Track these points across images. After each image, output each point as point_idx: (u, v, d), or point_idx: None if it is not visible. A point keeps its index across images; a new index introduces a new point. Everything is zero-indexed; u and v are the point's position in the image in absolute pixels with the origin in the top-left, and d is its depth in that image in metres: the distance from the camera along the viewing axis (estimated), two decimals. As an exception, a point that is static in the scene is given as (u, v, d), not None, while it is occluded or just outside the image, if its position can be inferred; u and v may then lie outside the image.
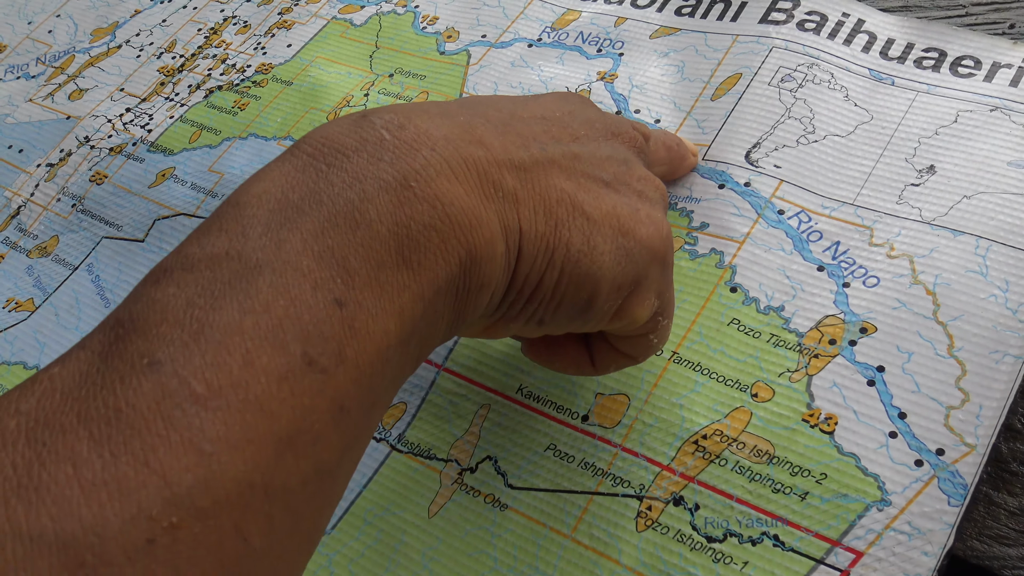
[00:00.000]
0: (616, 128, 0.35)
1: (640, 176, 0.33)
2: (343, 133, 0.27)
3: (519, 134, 0.31)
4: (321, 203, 0.25)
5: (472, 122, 0.30)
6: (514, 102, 0.33)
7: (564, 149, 0.31)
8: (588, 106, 0.35)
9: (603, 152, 0.33)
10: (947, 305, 0.38)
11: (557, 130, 0.32)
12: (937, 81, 0.45)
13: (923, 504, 0.34)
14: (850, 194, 0.43)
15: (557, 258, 0.30)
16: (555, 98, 0.34)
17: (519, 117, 0.32)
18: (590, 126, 0.34)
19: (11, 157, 0.64)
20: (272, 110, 0.58)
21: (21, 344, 0.53)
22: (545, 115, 0.33)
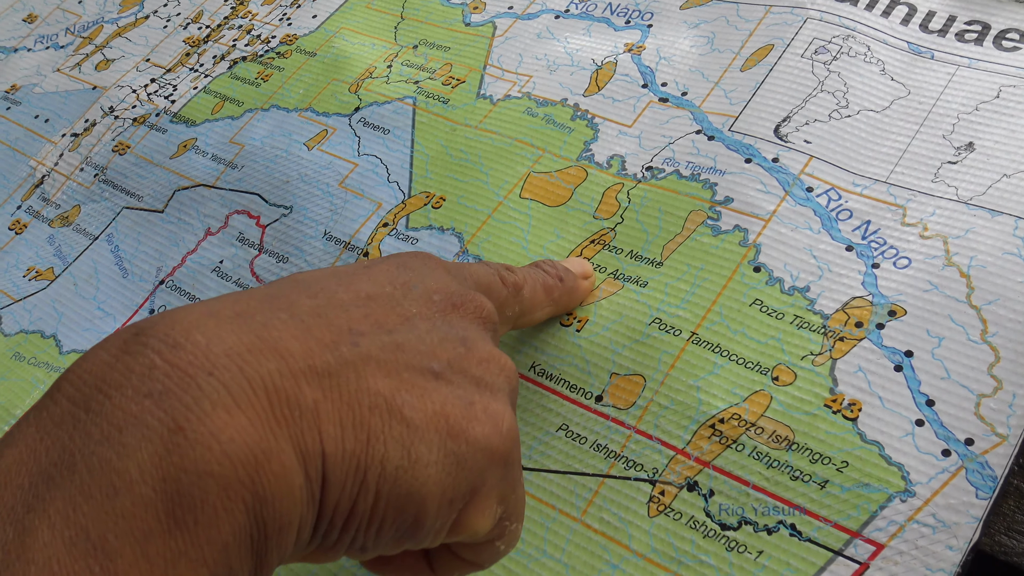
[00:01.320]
0: (460, 298, 0.30)
1: (481, 357, 0.29)
2: (108, 363, 0.23)
3: (330, 326, 0.26)
4: (74, 468, 0.21)
5: (270, 321, 0.25)
6: (338, 279, 0.29)
7: (385, 340, 0.27)
8: (431, 272, 0.31)
9: (436, 335, 0.28)
10: (982, 288, 0.36)
11: (382, 313, 0.28)
12: (979, 55, 0.43)
13: (949, 496, 0.32)
14: (883, 171, 0.41)
15: (371, 479, 0.25)
16: (392, 267, 0.30)
17: (337, 302, 0.28)
18: (427, 301, 0.29)
19: (37, 127, 0.64)
20: (295, 81, 0.57)
21: (39, 313, 0.53)
22: (372, 293, 0.28)
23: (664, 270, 0.41)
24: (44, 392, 0.24)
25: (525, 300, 0.37)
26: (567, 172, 0.46)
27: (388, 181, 0.49)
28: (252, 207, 0.52)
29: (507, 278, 0.36)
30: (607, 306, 0.41)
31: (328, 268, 0.31)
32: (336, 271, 0.30)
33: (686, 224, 0.42)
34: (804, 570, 0.33)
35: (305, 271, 0.30)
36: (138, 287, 0.52)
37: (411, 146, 0.50)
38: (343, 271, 0.30)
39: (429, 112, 0.52)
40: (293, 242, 0.49)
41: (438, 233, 0.46)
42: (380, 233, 0.47)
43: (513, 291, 0.36)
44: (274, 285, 0.28)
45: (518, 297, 0.36)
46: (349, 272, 0.30)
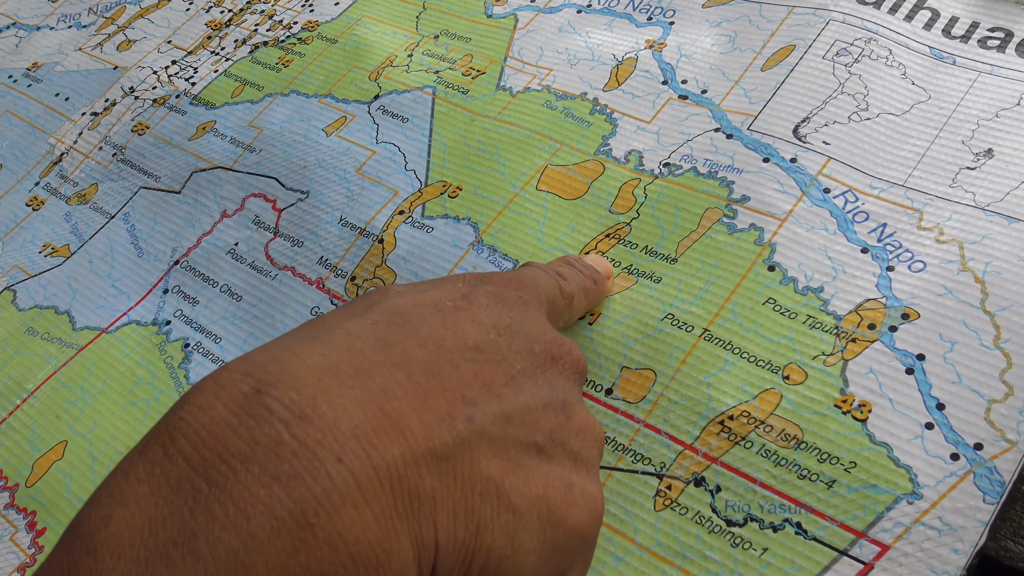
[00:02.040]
0: (558, 349, 0.30)
1: (579, 427, 0.29)
2: (229, 425, 0.22)
3: (445, 391, 0.25)
4: (198, 553, 0.21)
5: (389, 387, 0.24)
6: (443, 316, 0.28)
7: (495, 410, 0.26)
8: (527, 312, 0.30)
9: (540, 398, 0.28)
10: (996, 294, 0.36)
11: (490, 371, 0.27)
12: (1001, 62, 0.43)
13: (956, 500, 0.32)
14: (901, 175, 0.41)
15: (475, 567, 0.25)
16: (491, 302, 0.29)
17: (447, 354, 0.26)
18: (529, 353, 0.28)
19: (58, 105, 0.64)
20: (315, 68, 0.57)
21: (54, 289, 0.53)
22: (479, 343, 0.27)
23: (678, 266, 0.41)
24: (150, 435, 0.23)
25: (575, 309, 0.37)
26: (584, 166, 0.46)
27: (405, 169, 0.49)
28: (269, 191, 0.52)
29: (564, 289, 0.35)
30: (620, 300, 0.41)
31: (426, 292, 0.29)
32: (437, 301, 0.28)
33: (702, 221, 0.42)
34: (808, 568, 0.33)
35: (403, 292, 0.28)
36: (153, 266, 0.52)
37: (429, 135, 0.50)
38: (443, 300, 0.28)
39: (448, 102, 0.52)
40: (308, 227, 0.49)
41: (453, 222, 0.46)
42: (396, 220, 0.47)
43: (567, 302, 0.36)
44: (380, 316, 0.27)
45: (570, 307, 0.36)
46: (450, 304, 0.28)
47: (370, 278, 0.46)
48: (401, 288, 0.29)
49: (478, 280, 0.30)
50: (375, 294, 0.29)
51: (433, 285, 0.30)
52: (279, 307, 0.48)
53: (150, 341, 0.49)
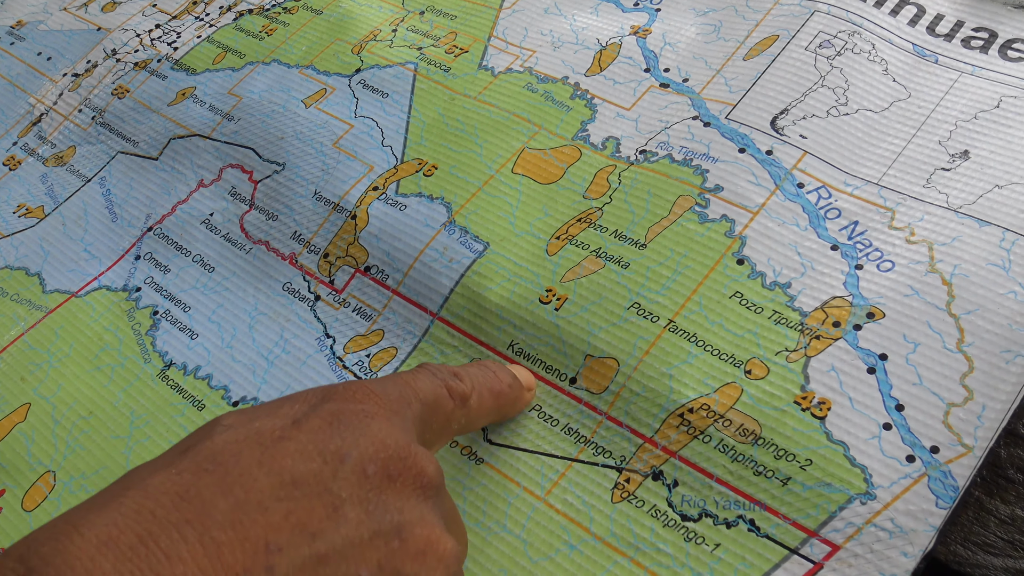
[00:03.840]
0: (398, 465, 0.27)
1: (418, 550, 0.26)
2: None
3: (244, 543, 0.23)
4: None
5: (175, 551, 0.23)
6: (263, 449, 0.26)
7: (305, 554, 0.24)
8: (368, 426, 0.27)
9: (367, 527, 0.25)
10: (962, 297, 0.36)
11: (306, 508, 0.25)
12: (984, 63, 0.43)
13: (909, 502, 0.32)
14: (876, 173, 0.40)
15: None
16: (324, 425, 0.27)
17: (256, 498, 0.24)
18: (360, 476, 0.26)
19: (39, 64, 0.63)
20: (299, 38, 0.57)
21: (26, 250, 0.53)
22: (297, 477, 0.25)
23: (647, 252, 0.41)
24: None
25: (472, 410, 0.34)
26: (561, 150, 0.46)
27: (382, 145, 0.49)
28: (246, 162, 0.51)
29: (455, 388, 0.33)
30: (587, 285, 0.40)
31: (255, 422, 0.27)
32: (261, 433, 0.26)
33: (673, 208, 0.41)
34: (759, 566, 0.33)
35: (229, 426, 0.27)
36: (126, 232, 0.52)
37: (408, 112, 0.50)
38: (269, 430, 0.26)
39: (429, 79, 0.51)
40: (284, 200, 0.49)
41: (427, 201, 0.46)
42: (369, 196, 0.47)
43: (460, 402, 0.33)
44: (189, 464, 0.25)
45: (465, 408, 0.33)
46: (276, 433, 0.26)
47: (343, 255, 0.46)
48: (230, 420, 0.27)
49: (320, 398, 0.28)
50: (200, 432, 0.27)
51: (268, 410, 0.28)
52: (252, 281, 0.47)
53: (119, 307, 0.49)
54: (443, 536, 0.27)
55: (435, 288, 0.43)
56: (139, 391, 0.45)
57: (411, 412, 0.30)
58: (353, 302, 0.44)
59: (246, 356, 0.45)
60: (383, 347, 0.43)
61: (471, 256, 0.43)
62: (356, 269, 0.45)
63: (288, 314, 0.45)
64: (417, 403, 0.31)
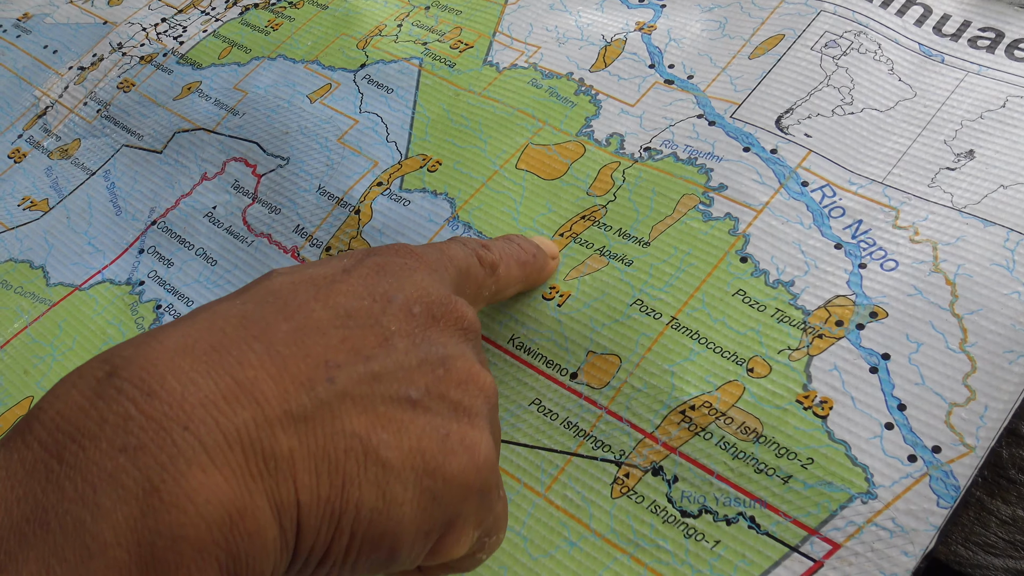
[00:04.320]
0: (441, 308, 0.30)
1: (460, 379, 0.29)
2: (82, 408, 0.23)
3: (307, 358, 0.26)
4: (48, 526, 0.21)
5: (245, 357, 0.25)
6: (316, 289, 0.28)
7: (361, 371, 0.26)
8: (411, 276, 0.30)
9: (415, 355, 0.28)
10: (966, 297, 0.36)
11: (360, 335, 0.27)
12: (990, 63, 0.43)
13: (910, 501, 0.32)
14: (880, 172, 0.40)
15: (345, 523, 0.25)
16: (371, 272, 0.29)
17: (314, 323, 0.27)
18: (406, 314, 0.29)
19: (45, 57, 0.63)
20: (304, 33, 0.57)
21: (30, 243, 0.53)
22: (351, 309, 0.28)
23: (651, 251, 0.40)
24: (12, 427, 0.24)
25: (501, 278, 0.36)
26: (565, 147, 0.46)
27: (387, 140, 0.49)
28: (250, 155, 0.51)
29: (484, 257, 0.35)
30: (590, 282, 0.40)
31: (308, 270, 0.29)
32: (314, 277, 0.29)
33: (677, 207, 0.41)
34: (759, 563, 0.33)
35: (284, 272, 0.29)
36: (130, 225, 0.52)
37: (413, 107, 0.50)
38: (322, 275, 0.29)
39: (434, 75, 0.51)
40: (287, 194, 0.49)
41: (431, 197, 0.46)
42: (373, 192, 0.47)
43: (490, 270, 0.35)
44: (251, 297, 0.28)
45: (494, 276, 0.36)
46: (328, 277, 0.29)
47: (345, 249, 0.46)
48: (284, 269, 0.30)
49: (365, 254, 0.31)
50: (256, 280, 0.29)
51: (319, 263, 0.30)
52: (253, 274, 0.47)
53: (122, 301, 0.49)
54: (483, 371, 0.29)
55: (438, 283, 0.43)
56: (141, 384, 0.45)
57: (448, 274, 0.33)
58: (355, 297, 0.44)
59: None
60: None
61: (474, 252, 0.43)
62: (359, 264, 0.45)
63: (291, 308, 0.45)
64: (452, 267, 0.33)
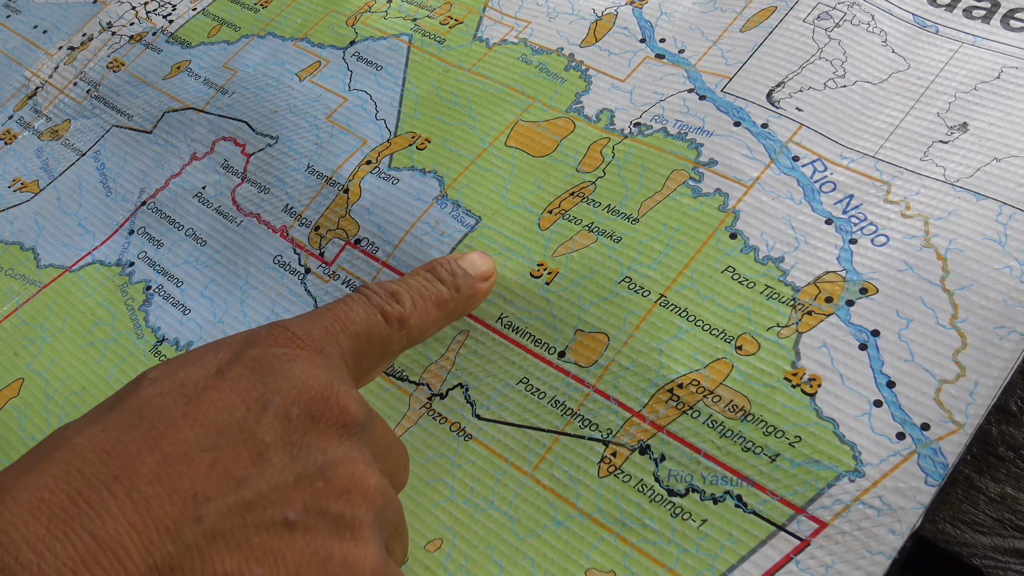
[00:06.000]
0: (320, 406, 0.27)
1: (341, 488, 0.27)
2: None
3: (172, 496, 0.24)
4: None
5: (107, 509, 0.23)
6: (187, 400, 0.26)
7: (232, 501, 0.24)
8: (291, 369, 0.28)
9: (291, 472, 0.26)
10: (957, 272, 0.35)
11: (230, 457, 0.25)
12: (985, 33, 0.42)
13: (898, 479, 0.32)
14: (872, 146, 0.40)
15: None
16: (247, 372, 0.27)
17: (181, 450, 0.25)
18: (283, 420, 0.27)
19: (35, 37, 0.63)
20: (293, 10, 0.56)
21: (20, 225, 0.53)
22: (221, 425, 0.26)
23: (639, 227, 0.40)
24: None
25: (413, 329, 0.34)
26: (555, 123, 0.45)
27: (376, 118, 0.48)
28: (239, 135, 0.51)
29: (390, 313, 0.33)
30: (579, 259, 0.40)
31: (180, 372, 0.27)
32: (185, 384, 0.27)
33: (667, 183, 0.41)
34: (745, 542, 0.33)
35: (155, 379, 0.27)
36: (120, 206, 0.52)
37: (402, 85, 0.49)
38: (193, 381, 0.27)
39: (424, 51, 0.51)
40: (276, 173, 0.49)
41: (419, 175, 0.45)
42: (362, 170, 0.46)
43: (398, 325, 0.33)
44: (116, 418, 0.26)
45: (404, 329, 0.34)
46: (199, 384, 0.27)
47: (334, 228, 0.45)
48: (155, 373, 0.27)
49: (242, 344, 0.29)
50: (126, 388, 0.27)
51: (193, 359, 0.28)
52: (243, 254, 0.47)
53: (112, 282, 0.49)
54: (367, 472, 0.28)
55: (425, 261, 0.42)
56: (131, 367, 0.45)
57: (338, 348, 0.30)
58: (343, 274, 0.44)
59: (237, 331, 0.44)
60: (373, 322, 0.42)
61: (463, 230, 0.42)
62: (346, 241, 0.45)
63: (279, 288, 0.45)
64: (346, 337, 0.31)
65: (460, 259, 0.38)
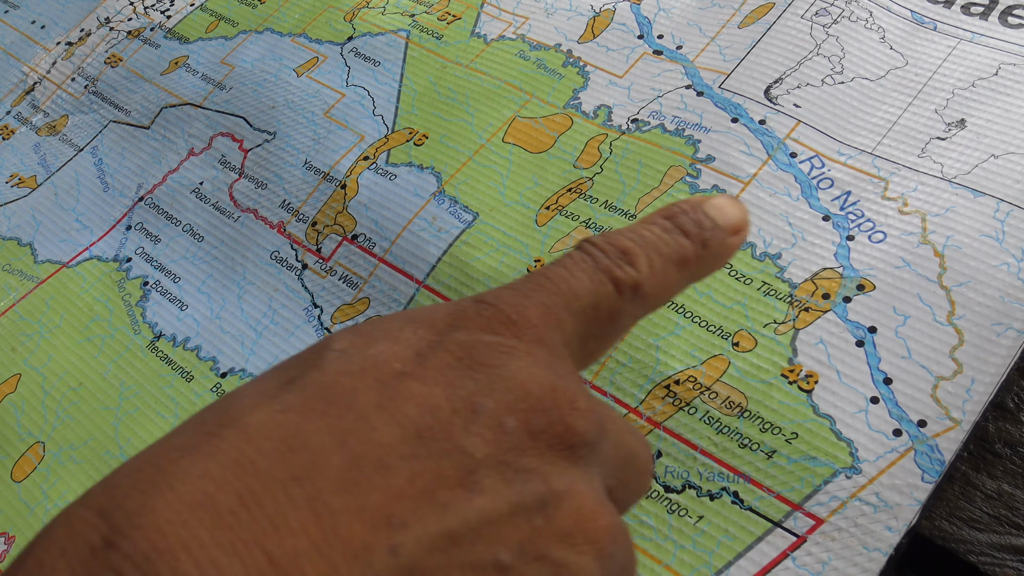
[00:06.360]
0: (542, 420, 0.21)
1: (565, 530, 0.21)
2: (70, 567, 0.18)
3: (363, 514, 0.19)
4: None
5: (283, 522, 0.18)
6: (381, 390, 0.21)
7: (434, 530, 0.19)
8: (506, 366, 0.22)
9: (506, 499, 0.20)
10: (954, 269, 0.35)
11: (433, 472, 0.20)
12: (983, 30, 0.42)
13: (895, 476, 0.32)
14: (870, 142, 0.40)
15: None
16: (451, 363, 0.21)
17: (374, 451, 0.20)
18: (497, 433, 0.21)
19: (33, 32, 0.63)
20: (291, 6, 0.56)
21: (18, 220, 0.53)
22: (421, 428, 0.20)
23: (637, 226, 0.40)
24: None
25: (649, 297, 0.25)
26: (553, 119, 0.45)
27: (373, 114, 0.48)
28: (237, 130, 0.51)
29: (622, 280, 0.25)
30: (576, 258, 0.40)
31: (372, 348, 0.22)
32: (380, 364, 0.21)
33: (664, 179, 0.41)
34: (741, 538, 0.33)
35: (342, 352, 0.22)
36: (117, 202, 0.52)
37: (400, 80, 0.49)
38: (389, 361, 0.21)
39: (421, 47, 0.51)
40: (273, 168, 0.48)
41: (417, 171, 0.45)
42: (360, 166, 0.46)
43: (631, 294, 0.25)
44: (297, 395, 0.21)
45: (637, 299, 0.25)
46: (397, 368, 0.21)
47: (331, 224, 0.45)
48: (343, 343, 0.22)
49: (448, 324, 0.23)
50: (308, 356, 0.22)
51: (387, 331, 0.23)
52: (240, 249, 0.47)
53: (110, 278, 0.48)
54: (596, 509, 0.21)
55: (422, 257, 0.42)
56: (128, 362, 0.45)
57: (561, 335, 0.24)
58: (340, 270, 0.44)
59: (235, 327, 0.44)
60: (369, 315, 0.42)
61: (460, 226, 0.42)
62: (343, 237, 0.45)
63: (276, 283, 0.45)
64: (569, 317, 0.24)
65: (705, 204, 0.28)
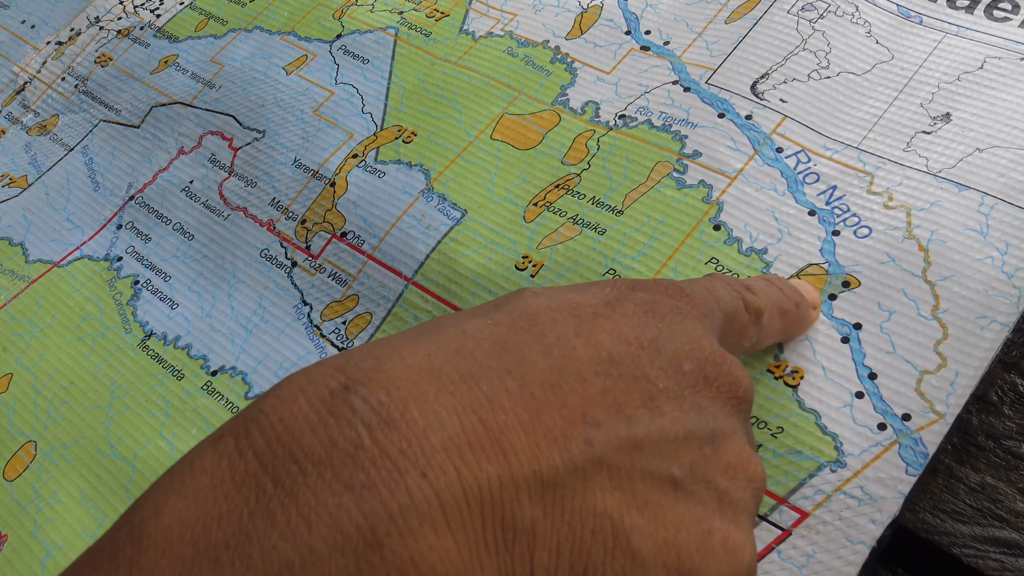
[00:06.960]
0: (714, 369, 0.25)
1: (730, 462, 0.24)
2: (309, 422, 0.20)
3: (563, 407, 0.22)
4: (249, 559, 0.19)
5: (496, 396, 0.21)
6: (578, 321, 0.24)
7: (622, 435, 0.22)
8: (682, 323, 0.25)
9: (682, 424, 0.23)
10: (939, 263, 0.36)
11: (623, 388, 0.23)
12: (969, 23, 0.42)
13: (879, 469, 0.32)
14: (856, 137, 0.40)
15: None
16: (639, 310, 0.25)
17: (574, 365, 0.23)
18: (676, 370, 0.24)
19: (23, 32, 0.63)
20: (280, 4, 0.56)
21: (9, 220, 0.53)
22: (614, 355, 0.23)
23: (624, 219, 0.40)
24: (227, 423, 0.21)
25: (764, 328, 0.31)
26: (540, 116, 0.45)
27: (362, 112, 0.48)
28: (226, 129, 0.51)
29: (750, 302, 0.30)
30: (563, 251, 0.40)
31: (565, 295, 0.25)
32: (575, 305, 0.24)
33: (651, 175, 0.41)
34: (727, 533, 0.33)
35: (540, 293, 0.25)
36: (108, 201, 0.52)
37: (388, 78, 0.49)
38: (583, 305, 0.25)
39: (410, 44, 0.51)
40: (263, 167, 0.49)
41: (406, 168, 0.45)
42: (349, 164, 0.46)
43: (755, 317, 0.30)
44: (504, 317, 0.24)
45: (758, 324, 0.31)
46: (590, 309, 0.24)
47: (320, 221, 0.45)
48: (539, 290, 0.25)
49: (629, 287, 0.26)
50: (509, 295, 0.25)
51: (577, 288, 0.26)
52: (230, 248, 0.47)
53: (100, 277, 0.49)
54: (754, 456, 0.25)
55: (411, 254, 0.42)
56: (120, 361, 0.45)
57: (715, 321, 0.28)
58: (328, 267, 0.44)
59: (225, 326, 0.45)
60: (358, 312, 0.42)
61: (449, 223, 0.43)
62: (332, 235, 0.45)
63: (266, 281, 0.45)
64: (719, 311, 0.28)
65: (790, 281, 0.36)
